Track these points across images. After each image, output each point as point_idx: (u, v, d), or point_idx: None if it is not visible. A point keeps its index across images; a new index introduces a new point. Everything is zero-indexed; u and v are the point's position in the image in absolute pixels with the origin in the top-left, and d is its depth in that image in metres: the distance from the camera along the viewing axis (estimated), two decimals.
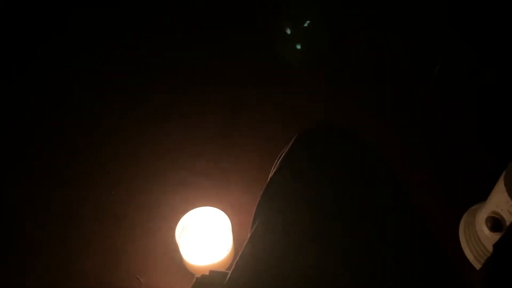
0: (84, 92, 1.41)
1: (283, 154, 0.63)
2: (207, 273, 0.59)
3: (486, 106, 1.30)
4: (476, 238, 0.98)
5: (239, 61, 1.47)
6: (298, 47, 1.46)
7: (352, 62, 1.46)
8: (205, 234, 1.03)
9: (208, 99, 1.37)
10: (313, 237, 0.54)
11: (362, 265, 0.52)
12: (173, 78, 1.44)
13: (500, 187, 0.90)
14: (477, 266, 0.98)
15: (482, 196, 1.00)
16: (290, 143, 0.64)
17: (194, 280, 0.57)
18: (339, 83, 1.41)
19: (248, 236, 0.58)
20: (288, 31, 1.48)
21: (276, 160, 0.64)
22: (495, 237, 0.92)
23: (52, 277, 1.01)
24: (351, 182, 0.59)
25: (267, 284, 0.52)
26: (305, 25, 1.47)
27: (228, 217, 1.00)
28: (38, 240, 1.07)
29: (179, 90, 1.40)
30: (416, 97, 1.36)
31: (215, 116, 1.32)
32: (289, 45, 1.50)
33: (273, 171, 0.63)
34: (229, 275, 0.55)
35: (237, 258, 0.56)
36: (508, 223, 0.88)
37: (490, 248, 0.90)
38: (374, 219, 0.56)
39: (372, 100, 1.36)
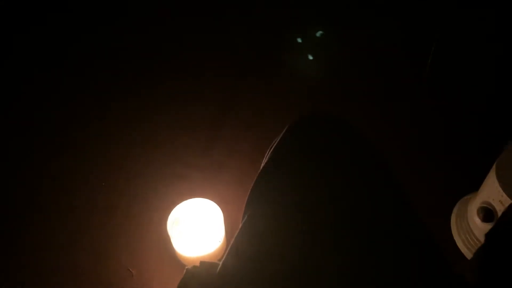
0: (77, 86, 1.39)
1: (275, 144, 0.63)
2: (198, 264, 0.58)
3: (479, 98, 1.30)
4: (468, 228, 0.99)
5: (233, 54, 1.46)
6: (310, 57, 1.45)
7: (348, 57, 1.45)
8: (197, 226, 1.03)
9: (201, 91, 1.36)
10: (302, 227, 0.54)
11: (350, 256, 0.52)
12: (165, 70, 1.42)
13: (491, 178, 0.90)
14: (469, 256, 0.98)
15: (474, 186, 1.00)
16: (282, 133, 0.63)
17: (185, 271, 0.56)
18: (333, 76, 1.40)
19: (239, 226, 0.57)
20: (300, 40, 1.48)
21: (268, 151, 0.64)
22: (486, 227, 0.92)
23: (42, 269, 1.01)
24: (341, 172, 0.58)
25: (258, 274, 0.51)
26: (318, 35, 1.47)
27: (220, 208, 1.00)
28: (28, 233, 1.06)
29: (171, 82, 1.39)
30: (409, 90, 1.36)
31: (207, 108, 1.31)
32: (299, 55, 1.49)
33: (265, 161, 0.62)
34: (219, 265, 0.54)
35: (228, 248, 0.56)
36: (499, 214, 0.88)
37: (482, 238, 0.91)
38: (364, 210, 0.55)
39: (365, 93, 1.35)
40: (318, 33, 1.47)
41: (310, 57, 1.45)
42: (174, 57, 1.45)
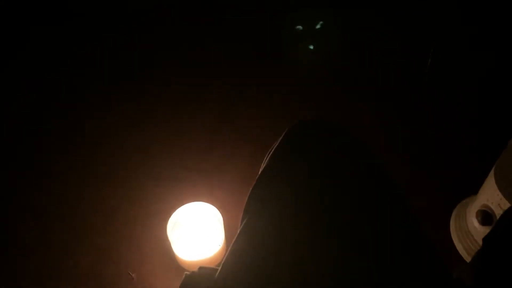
0: (79, 88, 1.39)
1: (274, 148, 0.63)
2: (197, 269, 0.59)
3: (477, 101, 1.30)
4: (467, 231, 0.99)
5: (234, 58, 1.47)
6: (311, 47, 1.47)
7: (347, 62, 1.46)
8: (197, 230, 1.03)
9: (201, 96, 1.37)
10: (300, 232, 0.54)
11: (350, 262, 0.52)
12: (166, 75, 1.43)
13: (490, 181, 0.90)
14: (467, 258, 0.98)
15: (473, 189, 1.01)
16: (281, 137, 0.64)
17: (184, 276, 0.57)
18: (331, 80, 1.41)
19: (238, 231, 0.57)
20: (298, 28, 1.49)
21: (267, 155, 0.64)
22: (485, 230, 0.92)
23: (43, 273, 1.01)
24: (339, 177, 0.59)
25: (256, 279, 0.52)
26: (318, 26, 1.48)
27: (220, 212, 1.00)
28: (30, 237, 1.07)
29: (172, 87, 1.40)
30: (407, 94, 1.36)
31: (207, 113, 1.32)
32: (300, 44, 1.51)
33: (264, 165, 0.63)
34: (218, 271, 0.54)
35: (227, 253, 0.56)
36: (498, 217, 0.88)
37: (480, 241, 0.91)
38: (361, 213, 0.55)
39: (364, 97, 1.36)
40: (318, 25, 1.48)
41: (311, 47, 1.45)
42: (175, 62, 1.46)
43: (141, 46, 1.51)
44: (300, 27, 1.48)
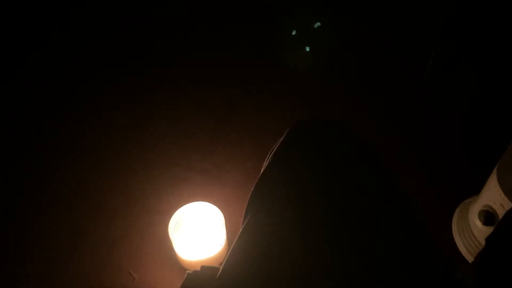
0: (79, 88, 1.40)
1: (275, 148, 0.63)
2: (199, 268, 0.59)
3: (478, 101, 1.30)
4: (469, 231, 0.99)
5: (236, 58, 1.47)
6: (307, 49, 1.47)
7: (347, 62, 1.46)
8: (199, 229, 1.03)
9: (202, 94, 1.37)
10: (302, 230, 0.54)
11: (351, 257, 0.52)
12: (167, 74, 1.43)
13: (492, 181, 0.90)
14: (470, 259, 0.98)
15: (475, 190, 1.00)
16: (282, 137, 0.64)
17: (186, 276, 0.57)
18: (331, 81, 1.41)
19: (240, 231, 0.57)
20: (295, 32, 1.50)
21: (269, 154, 0.64)
22: (487, 230, 0.92)
23: (44, 272, 1.01)
24: (340, 176, 0.59)
25: (258, 278, 0.52)
26: (315, 26, 1.48)
27: (222, 212, 1.00)
28: (29, 237, 1.07)
29: (174, 86, 1.40)
30: (408, 95, 1.36)
31: (209, 112, 1.32)
32: (296, 46, 1.51)
33: (265, 165, 0.63)
34: (220, 270, 0.54)
35: (229, 252, 0.56)
36: (500, 217, 0.88)
37: (483, 242, 0.91)
38: (363, 213, 0.55)
39: (366, 99, 1.36)
40: (316, 25, 1.48)
41: (307, 49, 1.46)
42: (176, 63, 1.46)
43: (141, 47, 1.51)
44: (294, 31, 1.49)
